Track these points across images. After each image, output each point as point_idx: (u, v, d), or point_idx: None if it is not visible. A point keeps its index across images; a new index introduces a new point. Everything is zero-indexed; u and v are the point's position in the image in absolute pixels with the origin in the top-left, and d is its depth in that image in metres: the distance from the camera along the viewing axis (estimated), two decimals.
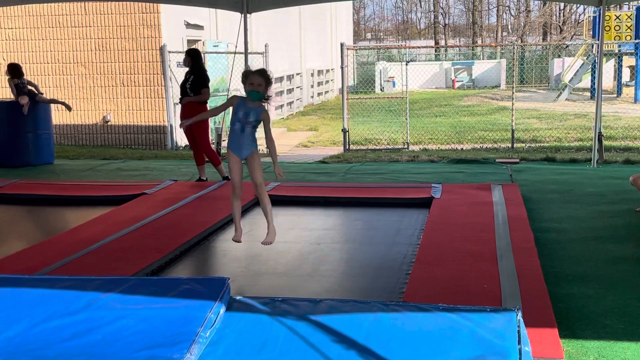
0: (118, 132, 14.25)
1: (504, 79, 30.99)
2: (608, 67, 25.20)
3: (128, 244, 5.59)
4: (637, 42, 21.59)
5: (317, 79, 27.48)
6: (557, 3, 43.47)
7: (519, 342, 3.20)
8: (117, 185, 8.30)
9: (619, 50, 24.01)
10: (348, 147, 13.38)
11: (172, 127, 14.02)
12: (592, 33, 24.00)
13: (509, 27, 56.96)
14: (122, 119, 14.19)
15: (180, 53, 11.87)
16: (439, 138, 15.08)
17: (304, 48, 25.70)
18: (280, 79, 21.69)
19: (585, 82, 25.24)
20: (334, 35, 30.13)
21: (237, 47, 10.42)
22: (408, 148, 13.57)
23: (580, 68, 24.61)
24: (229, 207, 5.25)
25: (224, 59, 15.77)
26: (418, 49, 39.42)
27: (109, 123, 14.23)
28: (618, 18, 23.01)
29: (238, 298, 3.77)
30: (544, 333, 3.59)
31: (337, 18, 31.24)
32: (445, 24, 57.30)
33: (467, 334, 3.27)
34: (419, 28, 62.80)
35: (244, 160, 4.89)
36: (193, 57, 8.44)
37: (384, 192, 7.69)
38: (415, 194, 7.43)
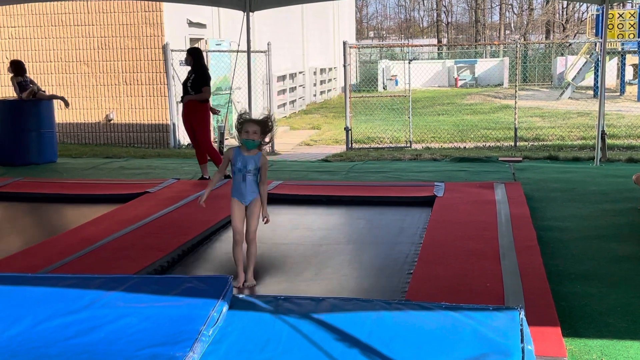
0: (121, 130, 14.26)
1: (507, 78, 30.97)
2: (611, 65, 25.15)
3: (131, 243, 5.59)
4: None
5: (319, 78, 27.46)
6: (560, 1, 43.43)
7: (522, 340, 3.20)
8: (119, 184, 8.31)
9: (622, 49, 24.01)
10: (350, 145, 13.36)
11: (174, 125, 14.03)
12: (595, 31, 23.96)
13: (512, 25, 56.89)
14: (124, 118, 14.19)
15: (183, 51, 11.87)
16: (442, 136, 15.07)
17: (307, 46, 25.69)
18: (283, 78, 21.70)
19: (588, 80, 25.22)
20: (337, 34, 30.11)
21: (239, 45, 10.43)
22: (411, 146, 13.56)
23: (583, 66, 24.59)
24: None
25: (227, 58, 15.77)
26: (421, 47, 39.38)
27: (112, 121, 14.23)
28: (621, 16, 22.98)
29: (241, 296, 3.78)
30: (547, 331, 3.59)
31: (339, 16, 31.22)
32: (448, 22, 57.24)
33: (469, 333, 3.27)
34: (422, 26, 62.75)
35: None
36: (195, 55, 8.46)
37: (387, 190, 7.69)
38: (418, 193, 7.43)
